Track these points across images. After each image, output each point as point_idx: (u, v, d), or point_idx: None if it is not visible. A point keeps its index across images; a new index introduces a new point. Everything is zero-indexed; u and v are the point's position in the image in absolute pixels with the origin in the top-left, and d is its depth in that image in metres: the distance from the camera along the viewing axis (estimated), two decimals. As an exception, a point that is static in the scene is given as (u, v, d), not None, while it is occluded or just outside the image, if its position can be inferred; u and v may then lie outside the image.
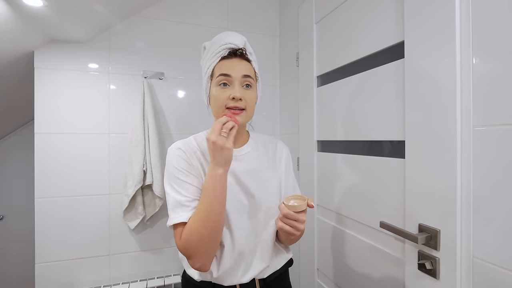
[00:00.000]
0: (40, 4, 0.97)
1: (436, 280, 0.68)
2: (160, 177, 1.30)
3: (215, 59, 0.73)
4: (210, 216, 0.63)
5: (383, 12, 0.86)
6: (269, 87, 1.62)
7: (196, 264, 0.65)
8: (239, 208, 0.73)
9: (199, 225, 0.63)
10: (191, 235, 0.63)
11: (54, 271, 1.27)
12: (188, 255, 0.65)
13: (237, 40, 0.74)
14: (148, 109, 1.32)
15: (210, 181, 0.64)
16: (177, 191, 0.68)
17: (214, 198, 0.64)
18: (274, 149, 0.85)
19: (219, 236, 0.66)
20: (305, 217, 0.64)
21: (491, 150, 0.58)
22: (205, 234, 0.63)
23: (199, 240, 0.63)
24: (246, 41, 0.77)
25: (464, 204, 0.63)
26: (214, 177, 0.64)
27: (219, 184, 0.64)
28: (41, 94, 1.25)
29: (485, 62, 0.60)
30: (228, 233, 0.71)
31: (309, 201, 0.63)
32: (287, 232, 0.64)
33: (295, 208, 0.62)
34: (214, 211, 0.63)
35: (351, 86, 1.00)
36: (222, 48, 0.72)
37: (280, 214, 0.64)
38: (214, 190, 0.64)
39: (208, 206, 0.63)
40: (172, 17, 1.44)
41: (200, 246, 0.63)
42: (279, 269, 0.78)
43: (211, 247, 0.65)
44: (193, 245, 0.63)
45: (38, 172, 1.25)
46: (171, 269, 1.44)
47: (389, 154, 0.87)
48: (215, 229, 0.64)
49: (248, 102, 0.72)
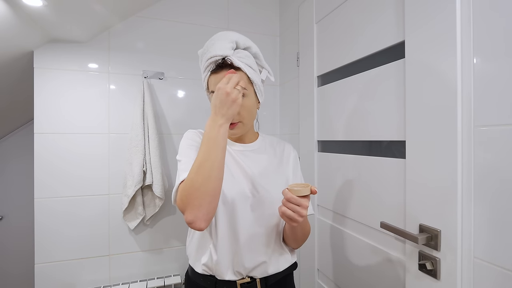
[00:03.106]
0: (40, 4, 0.97)
1: (436, 280, 0.67)
2: (160, 178, 1.29)
3: (206, 74, 0.74)
4: (208, 162, 0.62)
5: (383, 12, 0.86)
6: (269, 87, 1.62)
7: (188, 217, 0.61)
8: (243, 199, 0.73)
9: (193, 171, 0.62)
10: (186, 183, 0.63)
11: (54, 271, 1.26)
12: (182, 207, 0.63)
13: (222, 47, 0.70)
14: (148, 109, 1.31)
15: (211, 130, 0.64)
16: (189, 155, 0.70)
17: (214, 145, 0.62)
18: (282, 150, 0.85)
19: (215, 188, 0.63)
20: (308, 203, 0.64)
21: (492, 150, 0.58)
22: (199, 181, 0.61)
23: (192, 187, 0.61)
24: (237, 39, 0.73)
25: (465, 205, 0.63)
26: (215, 126, 0.63)
27: (220, 133, 0.63)
28: (40, 94, 1.24)
29: (486, 62, 0.59)
30: (230, 220, 0.72)
31: (312, 187, 0.63)
32: (290, 217, 0.63)
33: (298, 192, 0.62)
34: (211, 158, 0.62)
35: (352, 86, 1.00)
36: (208, 62, 0.72)
37: (283, 199, 0.64)
38: (215, 137, 0.63)
39: (206, 153, 0.62)
40: (172, 17, 1.44)
41: (192, 195, 0.61)
42: (281, 271, 0.78)
43: (205, 197, 0.61)
44: (186, 194, 0.62)
45: (38, 172, 1.24)
46: (171, 269, 1.44)
47: (389, 154, 0.86)
48: (210, 178, 0.61)
49: (242, 113, 0.72)
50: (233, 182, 0.74)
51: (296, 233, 0.76)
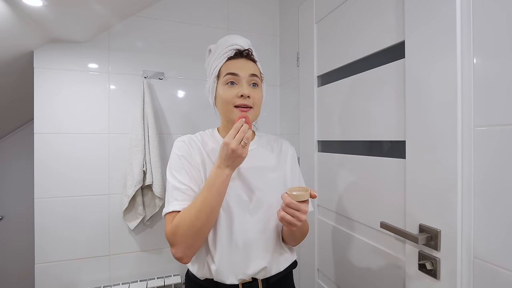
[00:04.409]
0: (40, 4, 0.97)
1: (436, 280, 0.68)
2: (160, 178, 1.29)
3: (221, 60, 0.75)
4: (207, 209, 0.64)
5: (383, 12, 0.86)
6: (269, 87, 1.62)
7: (178, 254, 0.65)
8: (241, 204, 0.73)
9: (193, 214, 0.64)
10: (182, 222, 0.64)
11: (54, 271, 1.26)
12: (173, 242, 0.65)
13: (243, 41, 0.78)
14: (148, 109, 1.32)
15: (216, 178, 0.65)
16: (177, 178, 0.71)
17: (216, 194, 0.65)
18: (279, 148, 0.85)
19: (207, 232, 0.67)
20: (308, 208, 0.64)
21: (492, 150, 0.58)
22: (197, 225, 0.63)
23: (189, 229, 0.63)
24: (250, 44, 0.80)
25: (465, 205, 0.63)
26: (221, 176, 0.65)
27: (224, 183, 0.66)
28: (40, 94, 1.24)
29: (486, 62, 0.59)
30: (228, 227, 0.72)
31: (312, 192, 0.63)
32: (289, 222, 0.63)
33: (298, 197, 0.62)
34: (211, 206, 0.64)
35: (352, 86, 1.00)
36: (228, 49, 0.75)
37: (283, 203, 0.64)
38: (218, 187, 0.65)
39: (207, 200, 0.64)
40: (172, 17, 1.44)
41: (188, 236, 0.64)
42: (282, 271, 0.78)
43: (197, 240, 0.65)
44: (181, 233, 0.64)
45: (38, 172, 1.24)
46: (171, 269, 1.44)
47: (389, 154, 0.86)
48: (207, 224, 0.65)
49: (255, 100, 0.74)
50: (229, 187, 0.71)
51: (294, 234, 0.76)
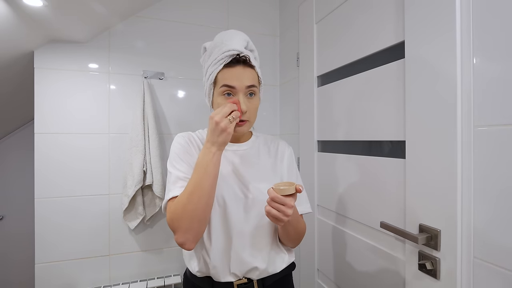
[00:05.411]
0: (40, 4, 0.97)
1: (436, 280, 0.68)
2: (160, 177, 1.29)
3: (217, 66, 0.70)
4: (198, 191, 0.64)
5: (383, 12, 0.86)
6: (269, 87, 1.62)
7: (179, 239, 0.65)
8: (236, 200, 0.73)
9: (185, 197, 0.64)
10: (176, 207, 0.65)
11: (54, 271, 1.26)
12: (172, 227, 0.66)
13: (239, 44, 0.71)
14: (148, 109, 1.32)
15: (203, 157, 0.65)
16: (176, 167, 0.71)
17: (205, 173, 0.64)
18: (276, 148, 0.84)
19: (205, 214, 0.66)
20: (293, 203, 0.63)
21: (492, 150, 0.58)
22: (189, 208, 0.63)
23: (182, 212, 0.63)
24: (248, 40, 0.75)
25: (464, 204, 0.63)
26: (208, 154, 0.65)
27: (212, 161, 0.65)
28: (41, 94, 1.25)
29: (485, 62, 0.60)
30: (223, 222, 0.72)
31: (297, 186, 0.63)
32: (275, 217, 0.63)
33: (283, 192, 0.62)
34: (202, 186, 0.64)
35: (352, 86, 1.00)
36: (224, 55, 0.69)
37: (268, 198, 0.64)
38: (207, 166, 0.65)
39: (197, 181, 0.64)
40: (172, 17, 1.44)
41: (183, 219, 0.64)
42: (279, 272, 0.77)
43: (195, 222, 0.64)
44: (176, 217, 0.64)
45: (38, 172, 1.24)
46: (171, 269, 1.44)
47: (389, 154, 0.86)
48: (200, 205, 0.64)
49: (251, 112, 0.73)
50: (224, 183, 0.73)
51: (288, 232, 0.75)
